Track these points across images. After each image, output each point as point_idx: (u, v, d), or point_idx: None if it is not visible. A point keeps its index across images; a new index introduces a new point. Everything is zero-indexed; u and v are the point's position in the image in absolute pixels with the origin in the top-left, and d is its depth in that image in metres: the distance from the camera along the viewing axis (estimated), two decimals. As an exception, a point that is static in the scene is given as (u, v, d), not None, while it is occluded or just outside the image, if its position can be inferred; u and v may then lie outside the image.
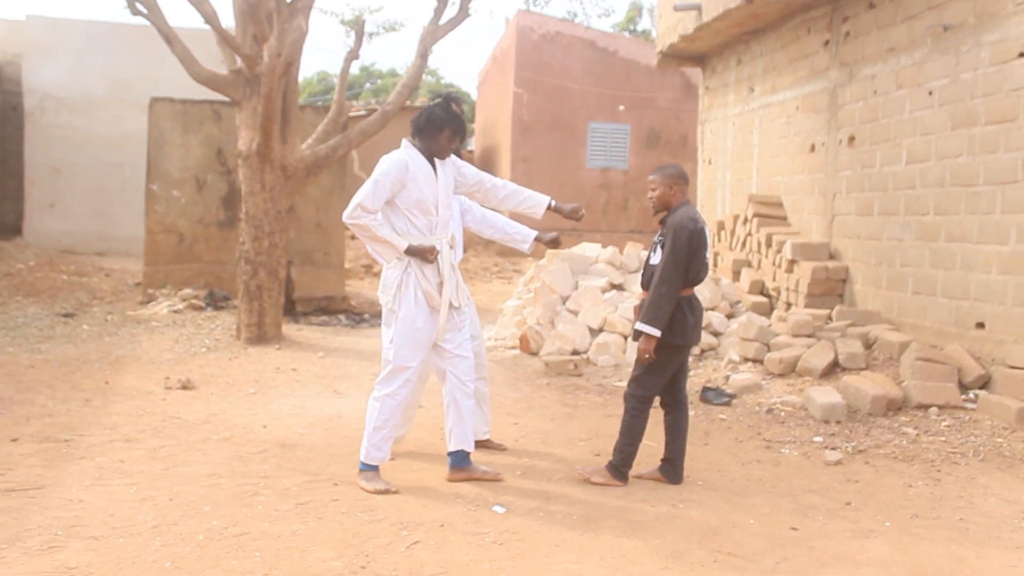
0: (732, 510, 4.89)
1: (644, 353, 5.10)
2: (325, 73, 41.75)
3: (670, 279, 5.07)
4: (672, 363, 5.25)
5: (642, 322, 5.09)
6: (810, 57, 10.85)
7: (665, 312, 5.06)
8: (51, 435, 6.00)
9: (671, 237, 5.10)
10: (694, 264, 5.14)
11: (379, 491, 4.91)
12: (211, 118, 12.97)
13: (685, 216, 5.15)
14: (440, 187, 5.15)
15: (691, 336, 5.21)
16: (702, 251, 5.17)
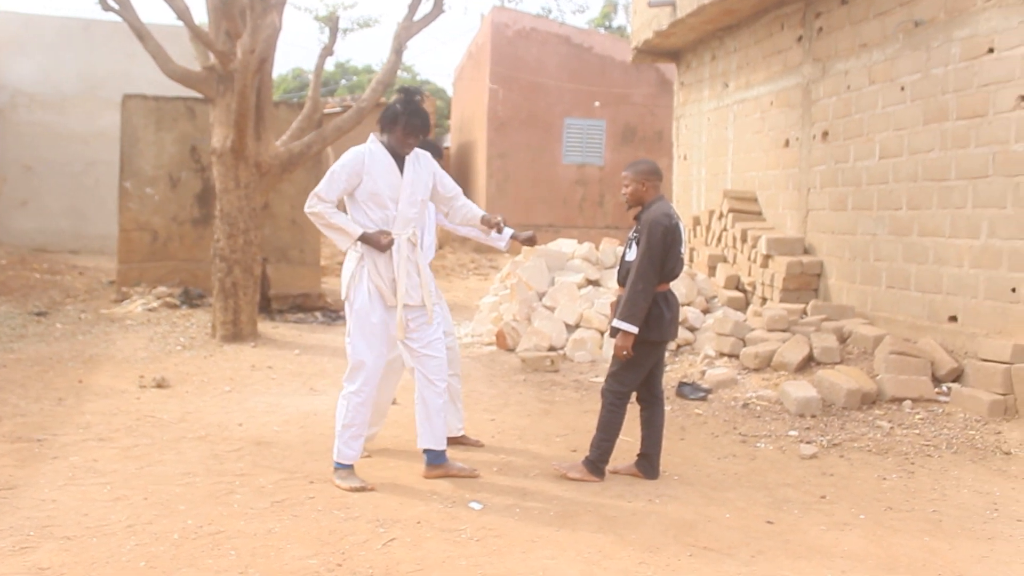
0: (708, 504, 4.91)
1: (622, 350, 5.11)
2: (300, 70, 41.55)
3: (646, 275, 5.08)
4: (649, 359, 5.27)
5: (619, 319, 5.10)
6: (783, 53, 10.91)
7: (642, 309, 5.07)
8: (23, 435, 5.94)
9: (646, 233, 5.11)
10: (669, 260, 5.15)
11: (354, 488, 4.89)
12: (185, 115, 12.87)
13: (659, 212, 5.16)
14: (404, 183, 5.09)
15: (668, 332, 5.22)
16: (677, 247, 5.18)
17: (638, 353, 5.17)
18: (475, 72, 24.06)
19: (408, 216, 5.12)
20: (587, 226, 21.87)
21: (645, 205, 5.29)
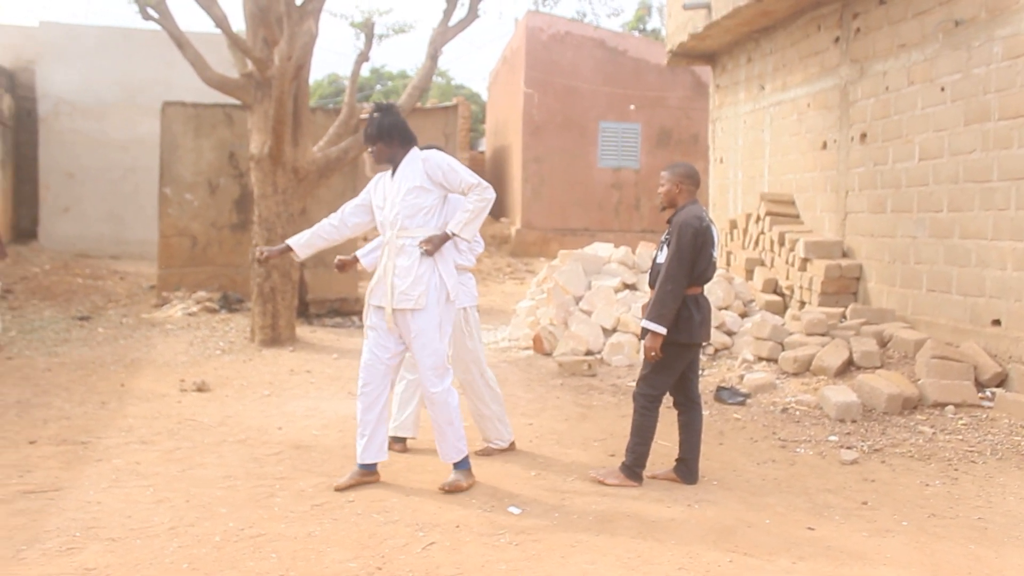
0: (747, 510, 4.88)
1: (650, 351, 5.10)
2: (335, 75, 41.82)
3: (675, 277, 5.06)
4: (680, 361, 5.24)
5: (647, 319, 5.09)
6: (821, 54, 10.82)
7: (670, 310, 5.05)
8: (68, 437, 6.03)
9: (676, 235, 5.10)
10: (700, 262, 5.12)
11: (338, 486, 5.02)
12: (223, 122, 13.01)
13: (690, 215, 5.15)
14: (391, 187, 5.13)
15: (698, 334, 5.19)
16: (708, 249, 5.15)
17: (668, 355, 5.15)
18: (510, 76, 24.10)
19: (388, 218, 5.13)
20: (623, 230, 21.80)
21: (678, 208, 5.27)
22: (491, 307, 13.97)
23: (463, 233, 5.06)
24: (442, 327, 5.09)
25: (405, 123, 5.22)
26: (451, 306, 5.17)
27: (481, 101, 36.47)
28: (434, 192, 5.09)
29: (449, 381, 5.12)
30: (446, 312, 5.13)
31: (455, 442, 5.13)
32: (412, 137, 5.22)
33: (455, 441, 5.13)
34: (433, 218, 5.10)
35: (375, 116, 5.17)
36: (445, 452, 5.16)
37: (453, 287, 5.12)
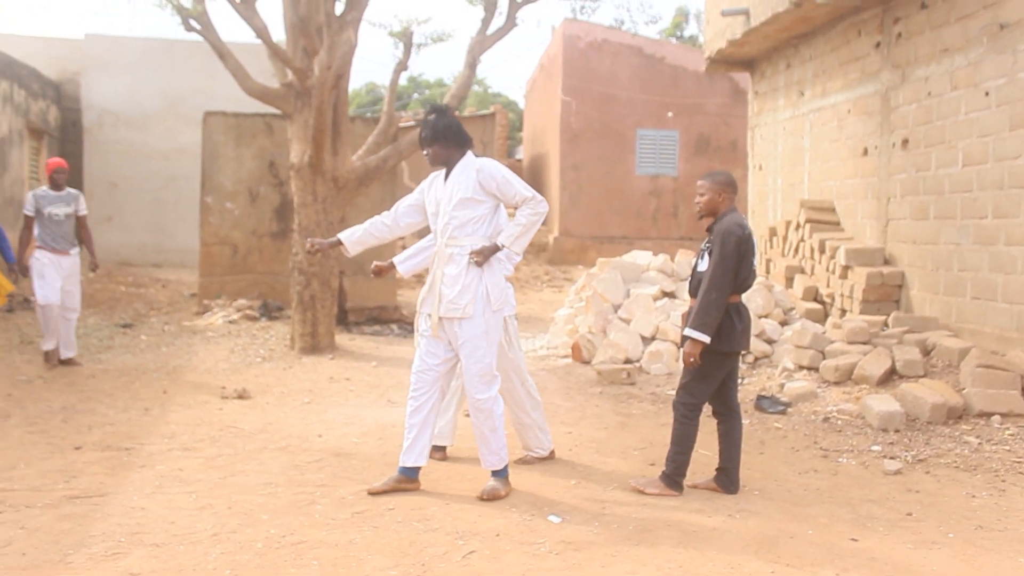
0: (789, 520, 4.83)
1: (689, 357, 5.07)
2: (373, 84, 42.13)
3: (719, 285, 5.04)
4: (720, 370, 5.21)
5: (691, 328, 5.06)
6: (861, 60, 10.72)
7: (714, 318, 5.03)
8: (112, 443, 6.12)
9: (719, 243, 5.07)
10: (742, 270, 5.11)
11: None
12: (263, 131, 13.14)
13: (733, 223, 5.13)
14: (443, 192, 5.16)
15: (739, 342, 5.17)
16: (750, 257, 5.14)
17: (708, 364, 5.13)
18: (547, 84, 24.11)
19: (439, 227, 5.17)
20: (661, 237, 21.71)
21: (718, 216, 5.25)
22: (529, 315, 13.97)
23: (514, 247, 5.09)
24: (489, 335, 5.09)
25: (460, 125, 5.22)
26: (498, 315, 5.16)
27: (518, 109, 36.53)
28: (486, 202, 5.12)
29: (496, 389, 5.14)
30: (493, 321, 5.12)
31: (497, 449, 5.14)
32: (467, 139, 5.22)
33: (497, 448, 5.14)
34: (483, 227, 5.12)
35: (430, 119, 5.18)
36: (487, 459, 5.17)
37: (499, 297, 5.12)
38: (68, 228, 8.91)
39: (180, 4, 9.74)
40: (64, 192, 9.02)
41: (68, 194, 9.03)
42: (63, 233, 8.85)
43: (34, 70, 17.10)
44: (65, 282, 8.86)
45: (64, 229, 8.86)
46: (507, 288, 5.79)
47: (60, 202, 8.89)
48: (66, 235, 8.88)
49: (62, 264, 8.83)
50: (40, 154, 17.28)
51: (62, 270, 8.82)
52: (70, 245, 8.92)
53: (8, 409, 7.11)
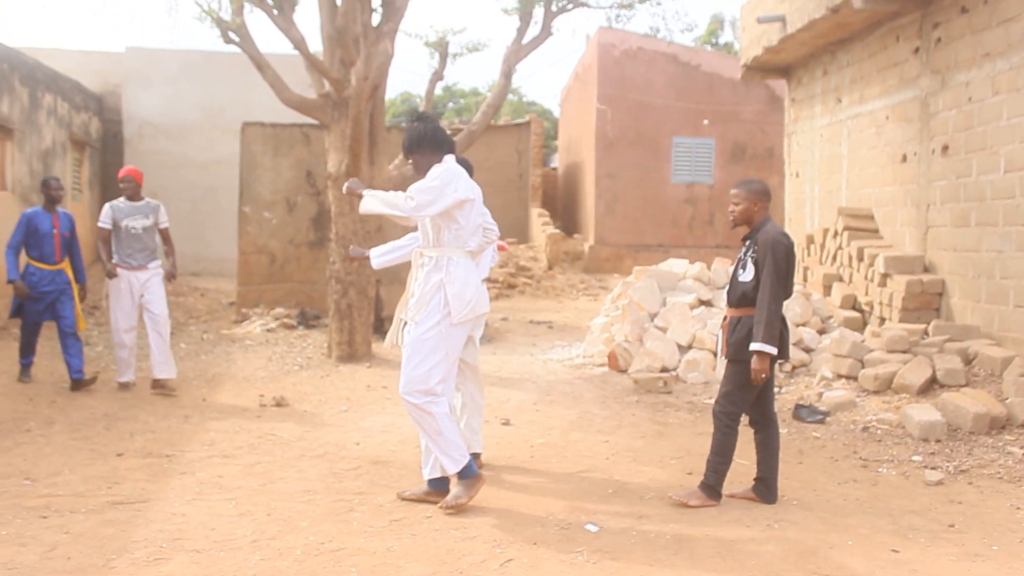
0: (829, 531, 4.78)
1: (760, 373, 5.03)
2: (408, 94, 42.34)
3: (777, 295, 5.05)
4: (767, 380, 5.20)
5: (762, 342, 5.00)
6: (900, 65, 10.62)
7: (777, 329, 5.05)
8: (153, 450, 6.19)
9: (771, 254, 5.05)
10: (790, 280, 5.12)
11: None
12: (300, 141, 13.27)
13: (777, 232, 5.12)
14: None
15: (783, 351, 5.15)
16: (793, 268, 5.16)
17: (749, 373, 5.10)
18: (582, 93, 24.12)
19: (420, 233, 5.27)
20: (697, 245, 21.61)
21: (755, 225, 5.23)
22: (565, 324, 13.97)
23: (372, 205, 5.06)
24: (435, 343, 4.97)
25: (436, 131, 5.15)
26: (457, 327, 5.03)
27: (553, 118, 36.56)
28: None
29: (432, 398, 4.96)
30: (449, 331, 5.00)
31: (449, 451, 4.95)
32: (443, 144, 5.16)
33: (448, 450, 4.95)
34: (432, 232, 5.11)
35: (413, 126, 5.20)
36: (444, 463, 5.02)
37: (460, 308, 5.00)
38: (147, 242, 8.36)
39: (220, 17, 9.86)
40: (143, 202, 8.46)
41: (147, 204, 8.49)
42: (140, 247, 8.31)
43: (77, 83, 17.38)
44: (146, 298, 8.30)
45: (142, 243, 8.31)
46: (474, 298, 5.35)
47: (138, 213, 8.33)
48: (144, 249, 8.32)
49: (138, 281, 8.29)
50: (82, 165, 17.55)
51: (137, 289, 8.29)
52: (148, 259, 8.35)
53: (52, 416, 7.22)
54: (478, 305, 5.14)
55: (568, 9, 11.03)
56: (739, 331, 5.15)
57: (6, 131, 12.73)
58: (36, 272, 8.35)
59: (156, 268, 8.43)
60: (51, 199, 8.47)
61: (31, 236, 8.33)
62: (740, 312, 5.19)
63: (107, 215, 8.34)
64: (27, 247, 8.34)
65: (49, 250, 8.37)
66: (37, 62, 14.61)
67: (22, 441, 6.41)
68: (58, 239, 8.39)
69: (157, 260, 8.48)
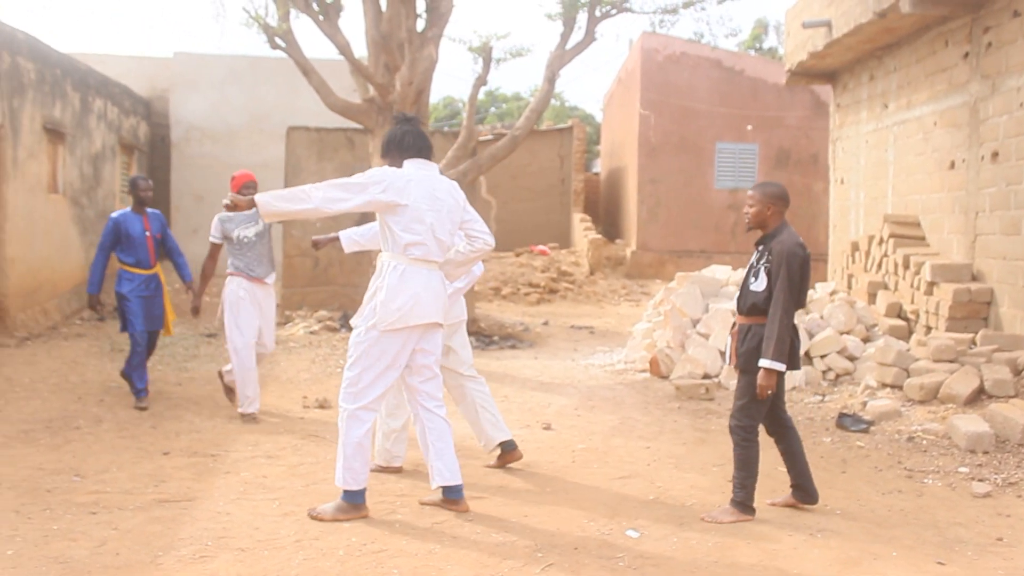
0: (873, 541, 4.73)
1: (767, 389, 4.96)
2: (450, 98, 42.52)
3: (789, 309, 4.96)
4: (777, 388, 5.14)
5: (770, 359, 4.92)
6: (948, 70, 10.49)
7: (787, 344, 4.95)
8: (199, 450, 6.28)
9: (784, 265, 4.95)
10: (803, 291, 5.04)
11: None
12: (344, 145, 13.38)
13: (793, 242, 5.01)
14: None
15: (794, 361, 5.08)
16: (808, 278, 5.07)
17: None
18: (625, 98, 24.07)
19: None
20: (740, 252, 21.45)
21: (770, 232, 5.13)
22: (607, 329, 13.94)
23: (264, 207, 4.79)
24: (364, 349, 4.90)
25: (405, 134, 5.08)
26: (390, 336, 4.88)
27: (595, 123, 36.52)
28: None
29: (361, 405, 4.90)
30: (379, 339, 4.88)
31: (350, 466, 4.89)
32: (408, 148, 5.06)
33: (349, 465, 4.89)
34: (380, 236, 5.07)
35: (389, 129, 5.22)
36: (337, 473, 4.96)
37: (387, 316, 4.83)
38: (264, 250, 7.55)
39: (266, 23, 9.99)
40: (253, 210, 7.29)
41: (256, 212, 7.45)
42: (258, 256, 7.48)
43: (126, 88, 17.68)
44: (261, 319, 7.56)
45: (259, 251, 7.50)
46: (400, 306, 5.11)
47: (249, 221, 7.55)
48: (262, 258, 7.52)
49: (257, 296, 7.50)
50: (130, 169, 17.83)
51: (257, 303, 7.50)
52: (268, 271, 7.58)
53: (100, 414, 7.36)
54: (412, 315, 4.87)
55: (612, 14, 11.03)
56: (749, 341, 5.07)
57: (58, 135, 12.98)
58: (133, 278, 7.77)
59: (272, 281, 7.69)
60: (140, 200, 7.94)
61: (123, 241, 7.78)
62: (751, 320, 5.11)
63: (216, 228, 7.56)
64: (119, 252, 7.81)
65: (144, 254, 7.82)
66: (88, 67, 14.89)
67: (72, 438, 6.53)
68: (151, 242, 7.87)
69: (274, 274, 7.74)
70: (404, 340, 4.92)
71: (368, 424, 4.92)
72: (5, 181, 10.96)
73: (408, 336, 4.92)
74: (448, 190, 5.06)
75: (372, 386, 4.90)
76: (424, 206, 4.91)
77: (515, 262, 19.75)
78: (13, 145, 11.21)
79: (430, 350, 5.08)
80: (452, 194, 5.07)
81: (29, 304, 11.75)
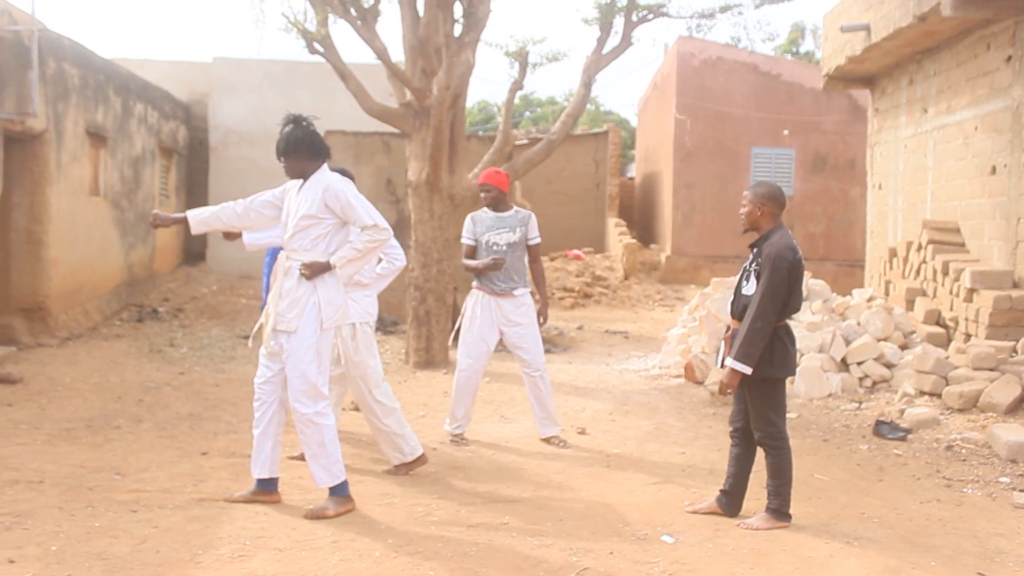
0: (911, 550, 4.69)
1: (727, 388, 4.93)
2: (485, 102, 42.63)
3: (766, 314, 4.85)
4: (782, 394, 5.05)
5: (736, 359, 4.87)
6: (990, 74, 10.36)
7: (758, 348, 4.84)
8: (236, 450, 6.35)
9: (769, 269, 4.87)
10: (794, 297, 4.92)
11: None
12: (381, 149, 13.49)
13: (783, 245, 4.92)
14: (294, 203, 5.13)
15: (793, 366, 5.03)
16: (799, 282, 4.95)
17: (776, 391, 4.99)
18: (660, 103, 24.00)
19: (284, 237, 5.17)
20: (775, 257, 21.32)
21: (764, 234, 5.05)
22: (641, 334, 13.91)
23: (344, 269, 5.02)
24: (316, 350, 5.00)
25: (315, 137, 5.12)
26: (328, 333, 5.05)
27: (630, 127, 36.46)
28: (328, 220, 5.05)
29: (322, 404, 5.03)
30: (323, 337, 5.03)
31: (328, 465, 5.01)
32: (321, 151, 5.13)
33: (328, 464, 5.01)
34: (323, 243, 5.05)
35: (284, 130, 5.16)
36: (316, 475, 5.05)
37: (331, 314, 5.01)
38: (513, 262, 6.78)
39: (305, 28, 10.08)
40: (509, 213, 6.86)
41: (515, 215, 6.87)
42: (506, 268, 6.75)
43: (166, 92, 17.90)
44: (512, 337, 6.81)
45: (507, 262, 6.75)
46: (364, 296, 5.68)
47: (503, 226, 6.79)
48: (510, 271, 6.76)
49: (500, 310, 6.78)
50: (169, 172, 18.06)
51: (497, 319, 6.80)
52: (515, 285, 6.79)
53: (140, 414, 7.46)
54: (347, 313, 5.19)
55: (648, 19, 11.02)
56: None
57: (100, 139, 13.18)
58: None
59: (525, 297, 6.88)
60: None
61: None
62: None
63: (468, 229, 6.94)
64: None
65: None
66: (130, 72, 15.10)
67: (112, 437, 6.63)
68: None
69: (527, 287, 6.91)
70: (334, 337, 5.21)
71: (333, 418, 5.14)
72: (49, 184, 11.14)
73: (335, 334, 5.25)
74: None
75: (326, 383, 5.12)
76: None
77: (550, 266, 19.75)
78: (57, 149, 11.40)
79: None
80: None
81: (70, 305, 11.93)
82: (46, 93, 11.02)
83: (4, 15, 10.08)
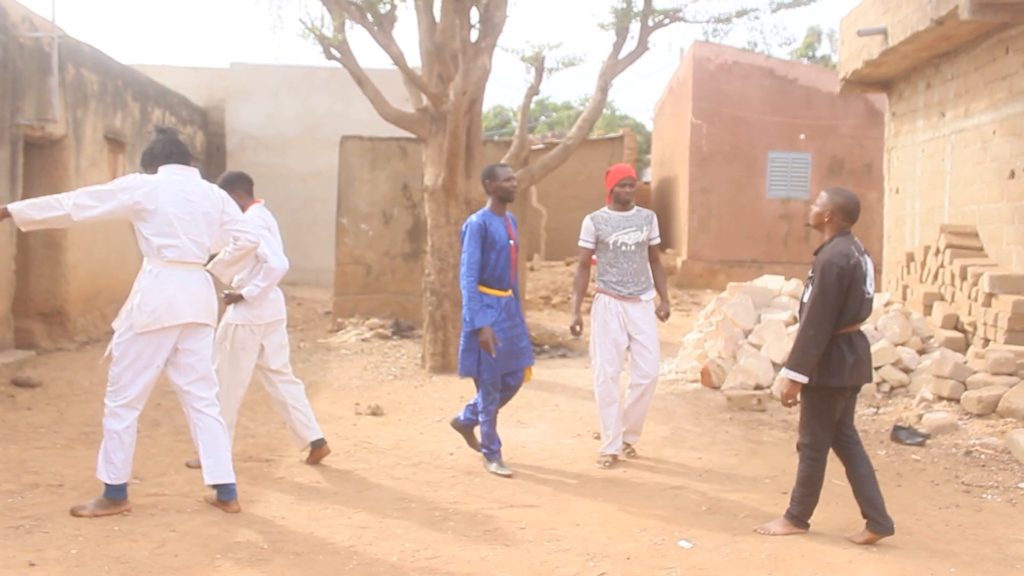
0: (930, 556, 4.67)
1: (787, 398, 4.88)
2: (501, 107, 42.67)
3: (817, 321, 4.77)
4: (836, 405, 4.93)
5: (788, 367, 4.83)
6: (1009, 78, 10.31)
7: (812, 356, 4.77)
8: (254, 455, 6.38)
9: (819, 275, 4.82)
10: (851, 303, 4.82)
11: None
12: (397, 154, 13.50)
13: (836, 251, 4.85)
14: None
15: (851, 376, 4.86)
16: (858, 287, 4.83)
17: (823, 401, 4.89)
18: (676, 107, 23.98)
19: None
20: (792, 262, 21.22)
21: (825, 241, 5.00)
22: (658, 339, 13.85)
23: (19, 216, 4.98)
24: (122, 351, 5.04)
25: (154, 143, 5.34)
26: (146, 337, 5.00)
27: (645, 131, 36.42)
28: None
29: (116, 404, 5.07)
30: (135, 340, 5.00)
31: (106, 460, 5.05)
32: (157, 156, 5.31)
33: (106, 460, 5.05)
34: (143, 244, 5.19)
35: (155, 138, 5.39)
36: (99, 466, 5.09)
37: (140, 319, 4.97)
38: (641, 263, 6.48)
39: (322, 34, 10.12)
40: (632, 211, 6.54)
41: (638, 213, 6.56)
42: (634, 270, 6.41)
43: (184, 98, 18.01)
44: (637, 339, 6.48)
45: (636, 264, 6.42)
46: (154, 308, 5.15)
47: (629, 226, 6.46)
48: (638, 274, 6.44)
49: (628, 315, 6.43)
50: (188, 177, 18.14)
51: (628, 323, 6.44)
52: (642, 288, 6.46)
53: (158, 418, 7.50)
54: (167, 316, 5.00)
55: (665, 24, 11.01)
56: None
57: (119, 144, 13.27)
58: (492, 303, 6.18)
59: (649, 300, 6.56)
60: (503, 196, 6.27)
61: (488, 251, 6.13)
62: None
63: (588, 232, 6.51)
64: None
65: (504, 269, 6.21)
66: (148, 78, 15.20)
67: (131, 442, 6.66)
68: (514, 252, 6.33)
69: (652, 290, 6.60)
70: (160, 340, 5.05)
71: (128, 420, 5.07)
72: (68, 189, 11.21)
73: (164, 336, 5.05)
74: (203, 192, 5.24)
75: (131, 384, 5.04)
76: (174, 209, 5.09)
77: (565, 271, 19.74)
78: (76, 154, 11.49)
79: (194, 349, 5.18)
80: (208, 196, 5.25)
81: (88, 309, 12.01)
82: (66, 99, 11.10)
83: (25, 22, 10.17)
